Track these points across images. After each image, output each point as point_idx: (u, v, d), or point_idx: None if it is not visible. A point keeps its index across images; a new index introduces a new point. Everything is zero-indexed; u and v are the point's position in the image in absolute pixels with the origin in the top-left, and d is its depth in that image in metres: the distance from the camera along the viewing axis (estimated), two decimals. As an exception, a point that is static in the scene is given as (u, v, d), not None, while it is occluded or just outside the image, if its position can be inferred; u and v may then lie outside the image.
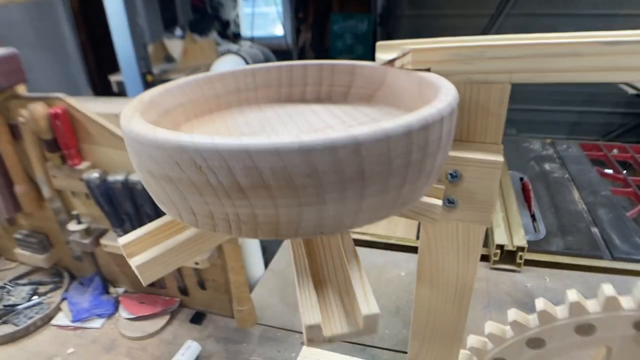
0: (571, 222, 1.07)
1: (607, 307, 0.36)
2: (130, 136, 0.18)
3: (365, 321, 0.17)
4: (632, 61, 0.21)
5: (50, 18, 1.25)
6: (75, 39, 1.40)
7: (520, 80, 0.23)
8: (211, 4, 2.77)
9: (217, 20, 2.86)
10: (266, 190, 0.16)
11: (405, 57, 0.25)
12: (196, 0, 2.64)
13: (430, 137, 0.18)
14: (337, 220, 0.18)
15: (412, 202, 0.20)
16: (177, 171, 0.17)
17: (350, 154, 0.16)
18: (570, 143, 1.55)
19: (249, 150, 0.15)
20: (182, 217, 0.19)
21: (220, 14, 2.86)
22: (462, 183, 0.25)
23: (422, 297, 0.32)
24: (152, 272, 0.21)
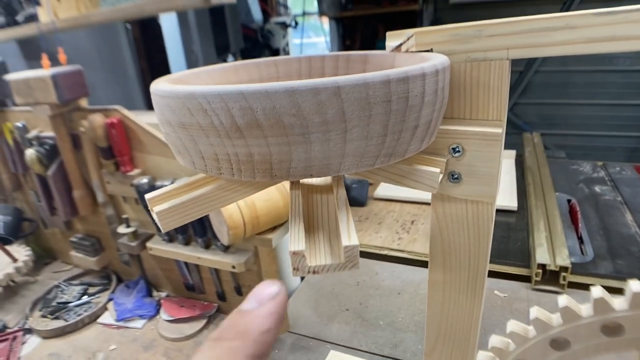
0: (622, 245, 1.02)
1: (635, 304, 0.35)
2: (155, 93, 0.21)
3: (345, 252, 0.18)
4: (626, 30, 0.21)
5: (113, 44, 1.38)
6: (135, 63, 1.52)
7: (518, 55, 0.24)
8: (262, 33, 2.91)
9: (267, 49, 2.99)
10: (259, 129, 0.19)
11: (409, 41, 0.26)
12: (248, 30, 2.78)
13: (410, 90, 0.19)
14: (324, 162, 0.20)
15: (398, 155, 0.21)
16: (189, 116, 0.19)
17: (331, 95, 0.18)
18: (624, 166, 1.48)
19: (244, 92, 0.18)
20: (195, 163, 0.22)
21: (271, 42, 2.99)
22: (465, 157, 0.26)
23: (436, 284, 0.33)
24: (171, 220, 0.24)
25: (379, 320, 0.85)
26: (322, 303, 0.91)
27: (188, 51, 1.77)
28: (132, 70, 1.47)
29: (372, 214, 1.25)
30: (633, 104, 2.72)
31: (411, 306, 0.88)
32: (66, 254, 1.08)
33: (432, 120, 0.22)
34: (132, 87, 1.52)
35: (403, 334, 0.81)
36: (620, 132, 2.80)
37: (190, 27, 1.75)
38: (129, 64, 1.45)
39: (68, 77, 0.79)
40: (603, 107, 2.79)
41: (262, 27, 2.99)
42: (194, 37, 1.79)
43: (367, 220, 1.22)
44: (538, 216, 1.08)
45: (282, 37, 3.11)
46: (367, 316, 0.86)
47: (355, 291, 0.94)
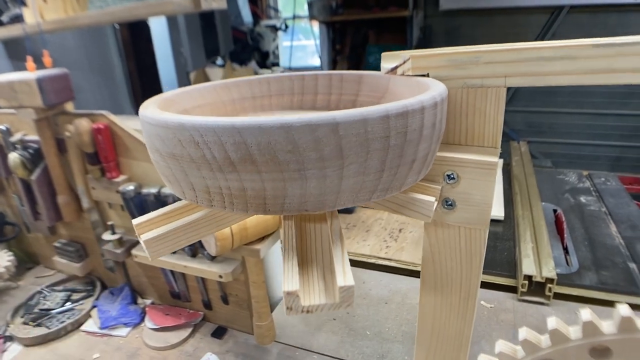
0: (606, 257, 1.03)
1: (623, 328, 0.35)
2: (144, 120, 0.21)
3: (340, 292, 0.18)
4: (624, 63, 0.21)
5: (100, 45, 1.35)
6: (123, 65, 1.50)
7: (515, 83, 0.23)
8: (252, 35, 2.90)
9: (257, 51, 2.98)
10: (253, 165, 0.18)
11: (405, 64, 0.26)
12: (238, 33, 2.76)
13: (409, 125, 0.19)
14: (319, 198, 0.19)
15: (395, 189, 0.21)
16: (179, 148, 0.19)
17: (328, 132, 0.17)
18: (609, 176, 1.50)
19: (238, 127, 0.17)
20: (185, 194, 0.21)
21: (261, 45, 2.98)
22: (459, 185, 0.26)
23: (427, 305, 0.32)
24: (159, 248, 0.23)
25: (366, 330, 0.85)
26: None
27: (177, 54, 1.75)
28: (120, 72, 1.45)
29: (359, 221, 1.25)
30: (617, 113, 2.77)
31: (398, 316, 0.88)
32: (49, 259, 1.06)
33: (429, 153, 0.22)
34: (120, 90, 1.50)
35: (390, 344, 0.81)
36: (604, 141, 2.84)
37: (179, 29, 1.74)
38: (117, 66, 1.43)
39: (54, 81, 0.78)
40: (588, 116, 2.83)
41: (252, 29, 2.98)
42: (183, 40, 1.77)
43: (355, 227, 1.21)
44: (525, 226, 1.09)
45: (272, 39, 3.10)
46: (354, 326, 0.86)
47: (343, 300, 0.94)
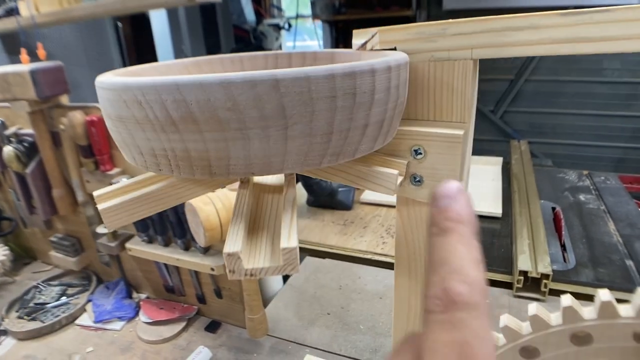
0: (604, 254, 1.02)
1: (603, 314, 0.35)
2: (97, 86, 0.21)
3: (283, 254, 0.17)
4: (590, 32, 0.21)
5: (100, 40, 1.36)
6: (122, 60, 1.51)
7: (482, 55, 0.23)
8: (254, 34, 2.90)
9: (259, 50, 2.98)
10: (194, 124, 0.18)
11: (373, 39, 0.26)
12: (241, 31, 2.77)
13: (358, 86, 0.19)
14: (265, 159, 0.19)
15: (347, 154, 0.21)
16: (125, 109, 0.19)
17: (269, 89, 0.17)
18: (609, 175, 1.49)
19: (178, 83, 0.17)
20: (135, 159, 0.21)
21: (264, 44, 2.98)
22: (426, 160, 0.26)
23: (401, 288, 0.32)
24: (116, 218, 0.23)
25: (360, 324, 0.84)
26: (303, 306, 0.90)
27: (178, 50, 1.76)
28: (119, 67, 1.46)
29: (357, 218, 1.24)
30: (620, 114, 2.75)
31: (392, 311, 0.88)
32: (46, 254, 1.06)
33: (384, 120, 0.22)
34: (119, 86, 1.50)
35: (383, 338, 0.80)
36: (607, 142, 2.82)
37: (180, 26, 1.74)
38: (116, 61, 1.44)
39: (48, 73, 0.78)
40: (591, 117, 2.82)
41: (255, 28, 2.98)
42: (184, 36, 1.77)
43: (353, 224, 1.21)
44: (522, 223, 1.09)
45: (275, 39, 3.11)
46: (348, 320, 0.86)
47: (337, 295, 0.93)
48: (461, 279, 0.17)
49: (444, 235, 0.18)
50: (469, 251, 0.18)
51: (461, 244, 0.18)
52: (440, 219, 0.19)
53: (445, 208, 0.19)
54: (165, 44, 1.71)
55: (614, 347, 0.36)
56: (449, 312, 0.16)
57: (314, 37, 3.50)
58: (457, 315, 0.16)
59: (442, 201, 0.19)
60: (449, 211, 0.19)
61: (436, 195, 0.20)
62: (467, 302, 0.16)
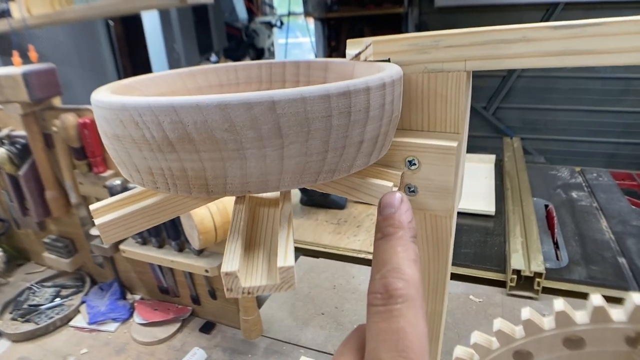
0: (596, 251, 1.03)
1: (595, 318, 0.35)
2: (93, 104, 0.21)
3: (280, 273, 0.18)
4: (583, 45, 0.21)
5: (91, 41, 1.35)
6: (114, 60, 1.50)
7: (475, 67, 0.23)
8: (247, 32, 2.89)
9: (252, 48, 2.97)
10: (191, 144, 0.18)
11: (367, 50, 0.26)
12: (232, 29, 2.75)
13: (353, 105, 0.19)
14: (261, 178, 0.19)
15: (343, 171, 0.21)
16: (121, 129, 0.19)
17: (265, 110, 0.17)
18: (601, 172, 1.50)
19: (174, 105, 0.17)
20: (132, 176, 0.21)
21: (256, 42, 2.97)
22: (420, 170, 0.26)
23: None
24: (113, 233, 0.23)
25: (354, 324, 0.85)
26: (297, 307, 0.90)
27: (170, 49, 1.75)
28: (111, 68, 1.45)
29: (351, 217, 1.25)
30: (612, 110, 2.77)
31: (387, 311, 0.88)
32: (39, 255, 1.06)
33: (379, 135, 0.22)
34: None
35: (378, 339, 0.81)
36: (599, 137, 2.85)
37: (172, 25, 1.73)
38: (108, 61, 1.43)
39: (40, 75, 0.77)
40: (583, 113, 2.83)
41: (247, 26, 2.97)
42: (176, 36, 1.76)
43: (346, 223, 1.21)
44: (515, 221, 1.09)
45: (267, 36, 3.10)
46: (343, 320, 0.86)
47: (332, 295, 0.94)
48: (399, 276, 0.19)
49: (386, 239, 0.21)
50: (407, 252, 0.21)
51: (400, 246, 0.21)
52: (384, 225, 0.21)
53: (388, 216, 0.22)
54: (157, 43, 1.70)
55: (606, 351, 0.36)
56: (388, 305, 0.19)
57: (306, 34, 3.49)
58: (395, 306, 0.19)
59: (385, 210, 0.22)
60: (390, 219, 0.21)
61: (381, 205, 0.22)
62: (403, 295, 0.19)
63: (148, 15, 1.65)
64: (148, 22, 1.67)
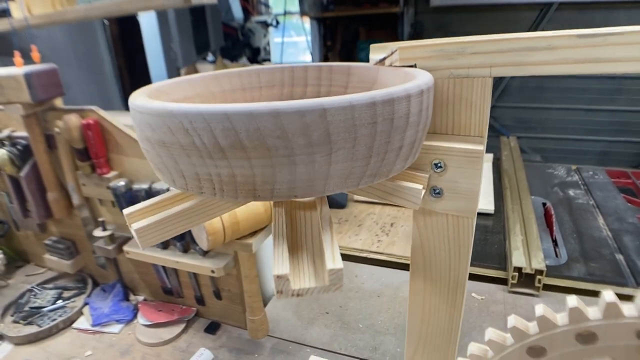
0: (594, 249, 1.05)
1: (607, 314, 0.36)
2: (134, 109, 0.21)
3: (330, 275, 0.18)
4: (605, 53, 0.22)
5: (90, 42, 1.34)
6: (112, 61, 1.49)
7: (500, 73, 0.24)
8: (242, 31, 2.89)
9: (248, 47, 2.97)
10: (243, 151, 0.18)
11: (393, 55, 0.26)
12: (228, 28, 2.75)
13: (396, 112, 0.19)
14: (308, 183, 0.19)
15: (383, 175, 0.21)
16: (169, 135, 0.19)
17: (316, 118, 0.18)
18: (597, 170, 1.52)
19: (227, 113, 0.17)
20: (175, 182, 0.21)
21: (252, 41, 2.97)
22: (447, 173, 0.27)
23: (417, 293, 0.33)
24: (150, 237, 0.23)
25: (359, 323, 0.85)
26: (302, 306, 0.91)
27: (167, 49, 1.74)
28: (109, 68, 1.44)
29: (351, 216, 1.25)
30: (606, 109, 2.80)
31: (390, 309, 0.89)
32: (40, 257, 1.05)
33: (416, 141, 0.22)
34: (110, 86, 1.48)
35: (382, 336, 0.81)
36: (593, 136, 2.87)
37: (169, 25, 1.73)
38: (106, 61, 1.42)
39: (42, 76, 0.77)
40: (578, 112, 2.86)
41: (243, 25, 2.96)
42: (173, 35, 1.76)
43: (347, 222, 1.22)
44: (514, 219, 1.10)
45: (263, 35, 3.09)
46: (347, 319, 0.86)
47: (335, 294, 0.94)
48: None
49: None
50: None
51: None
52: None
53: None
54: (154, 43, 1.70)
55: (617, 345, 0.37)
56: None
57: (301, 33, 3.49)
58: None
59: None
60: None
61: None
62: None
63: (145, 15, 1.65)
64: (145, 22, 1.66)
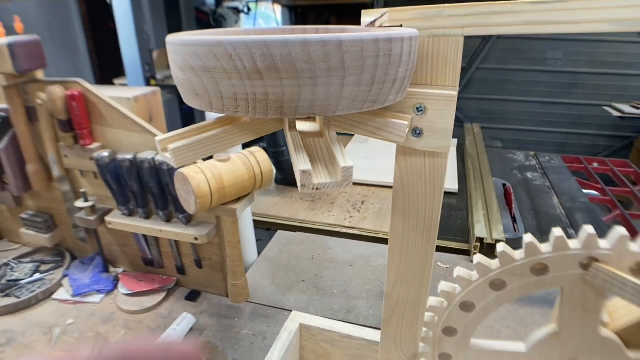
0: (549, 224, 1.14)
1: (556, 247, 0.42)
2: (179, 43, 0.25)
3: (343, 172, 0.23)
4: (552, 17, 0.28)
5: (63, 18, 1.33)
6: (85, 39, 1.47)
7: (470, 33, 0.30)
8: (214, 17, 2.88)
9: (219, 33, 2.96)
10: (276, 72, 0.23)
11: (383, 17, 0.31)
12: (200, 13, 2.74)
13: (393, 49, 0.25)
14: (325, 102, 0.24)
15: (380, 102, 0.27)
16: (214, 61, 0.23)
17: (335, 47, 0.23)
18: (553, 156, 1.63)
19: (266, 41, 0.22)
20: (212, 104, 0.25)
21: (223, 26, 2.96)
22: (426, 115, 0.32)
23: (397, 226, 0.38)
24: (184, 157, 0.27)
25: (333, 289, 0.91)
26: (279, 275, 0.95)
27: (140, 31, 1.73)
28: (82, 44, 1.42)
29: (324, 194, 1.30)
30: (562, 102, 2.96)
31: (362, 277, 0.95)
32: (15, 233, 1.05)
33: (405, 78, 0.28)
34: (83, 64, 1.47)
35: (355, 301, 0.87)
36: (550, 127, 3.04)
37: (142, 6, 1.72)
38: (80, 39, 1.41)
39: (26, 47, 0.78)
40: (536, 104, 3.01)
41: (215, 11, 2.95)
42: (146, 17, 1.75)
43: (320, 200, 1.27)
44: (477, 197, 1.18)
45: (234, 22, 3.09)
46: (322, 286, 0.92)
47: (311, 264, 0.99)
48: None
49: None
50: None
51: None
52: None
53: None
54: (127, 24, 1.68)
55: (565, 275, 0.43)
56: None
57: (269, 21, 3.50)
58: None
59: None
60: None
61: None
62: None
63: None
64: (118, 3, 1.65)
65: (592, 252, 0.40)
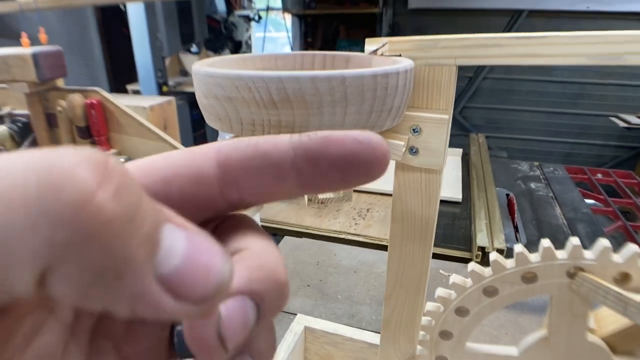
0: (551, 234, 1.16)
1: (545, 257, 0.45)
2: (205, 74, 0.28)
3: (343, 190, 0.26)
4: (535, 50, 0.31)
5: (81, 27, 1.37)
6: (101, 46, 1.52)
7: (463, 63, 0.33)
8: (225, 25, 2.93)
9: (230, 41, 3.01)
10: (289, 104, 0.26)
11: (384, 47, 0.35)
12: (212, 21, 2.79)
13: (389, 82, 0.28)
14: (329, 128, 0.27)
15: (378, 128, 0.30)
16: (235, 92, 0.27)
17: (339, 83, 0.26)
18: (557, 166, 1.65)
19: (281, 77, 0.26)
20: (233, 127, 0.29)
21: (234, 35, 3.02)
22: (421, 136, 0.35)
23: (395, 232, 0.41)
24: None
25: (338, 294, 0.93)
26: (285, 280, 0.98)
27: (153, 38, 1.78)
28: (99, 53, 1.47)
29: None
30: (569, 112, 2.97)
31: (366, 283, 0.98)
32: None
33: (401, 106, 0.31)
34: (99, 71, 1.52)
35: (359, 306, 0.90)
36: (556, 137, 3.05)
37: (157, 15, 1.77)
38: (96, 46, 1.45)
39: (49, 57, 0.82)
40: (542, 114, 3.03)
41: (226, 19, 3.01)
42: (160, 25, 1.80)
43: (326, 207, 1.30)
44: (480, 206, 1.21)
45: (245, 30, 3.15)
46: (327, 291, 0.95)
47: (316, 270, 1.02)
48: None
49: None
50: None
51: None
52: None
53: None
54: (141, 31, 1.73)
55: (553, 283, 0.46)
56: None
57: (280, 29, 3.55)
58: None
59: None
60: None
61: None
62: None
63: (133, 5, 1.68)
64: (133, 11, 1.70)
65: (578, 262, 0.43)
